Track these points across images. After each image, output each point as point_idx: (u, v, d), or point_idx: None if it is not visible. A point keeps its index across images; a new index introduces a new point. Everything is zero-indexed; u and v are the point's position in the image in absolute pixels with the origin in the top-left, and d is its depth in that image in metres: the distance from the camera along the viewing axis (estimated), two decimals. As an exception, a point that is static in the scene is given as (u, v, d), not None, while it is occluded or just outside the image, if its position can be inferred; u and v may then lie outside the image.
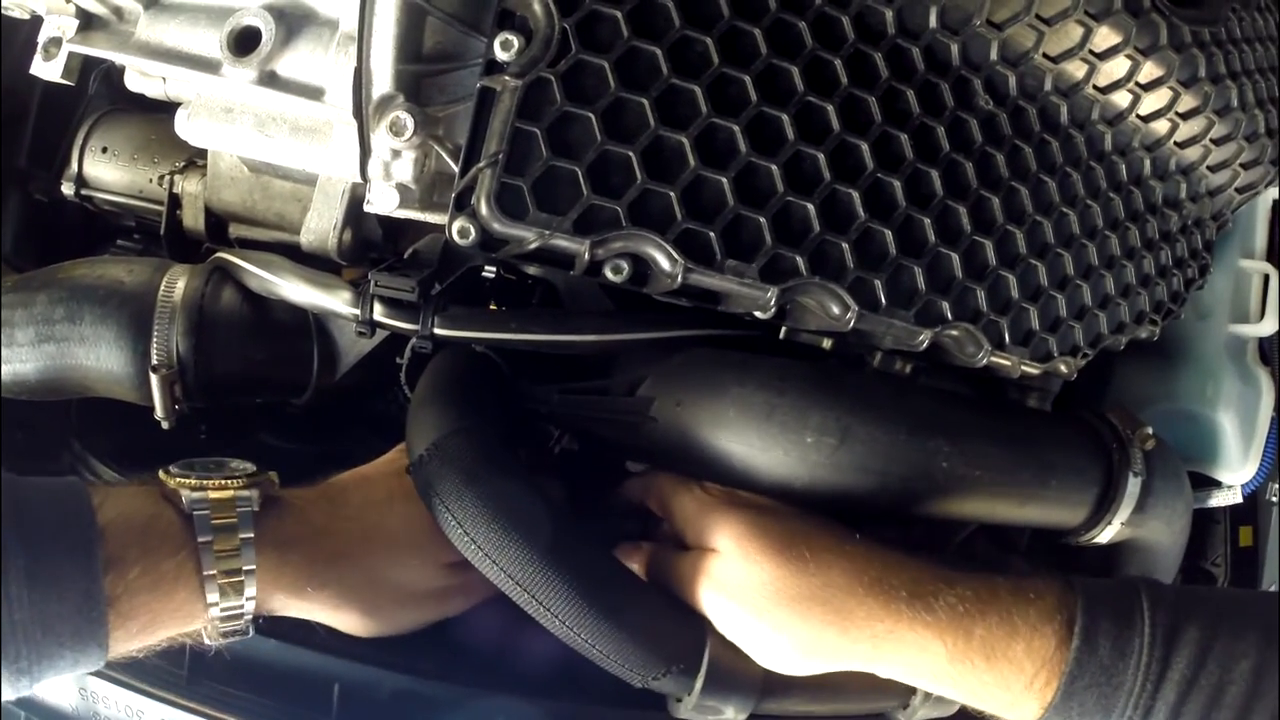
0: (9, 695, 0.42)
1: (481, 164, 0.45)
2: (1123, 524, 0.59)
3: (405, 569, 0.53)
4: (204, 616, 0.48)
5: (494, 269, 0.65)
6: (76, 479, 0.48)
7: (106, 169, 0.77)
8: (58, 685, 0.62)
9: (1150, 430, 0.60)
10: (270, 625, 0.55)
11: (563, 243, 0.46)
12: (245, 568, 0.47)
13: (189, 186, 0.72)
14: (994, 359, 0.54)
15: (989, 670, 0.47)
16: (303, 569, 0.50)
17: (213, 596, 0.47)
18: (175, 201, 0.72)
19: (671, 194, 0.46)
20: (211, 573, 0.47)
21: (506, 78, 0.46)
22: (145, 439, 0.64)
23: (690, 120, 0.46)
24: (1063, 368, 0.57)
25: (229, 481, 0.49)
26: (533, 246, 0.46)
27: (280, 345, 0.63)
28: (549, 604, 0.49)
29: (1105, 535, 0.60)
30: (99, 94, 0.81)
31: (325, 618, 0.53)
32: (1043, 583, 0.49)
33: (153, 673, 0.59)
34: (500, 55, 0.46)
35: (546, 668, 0.59)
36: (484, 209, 0.46)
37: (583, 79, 0.46)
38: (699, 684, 0.51)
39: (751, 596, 0.50)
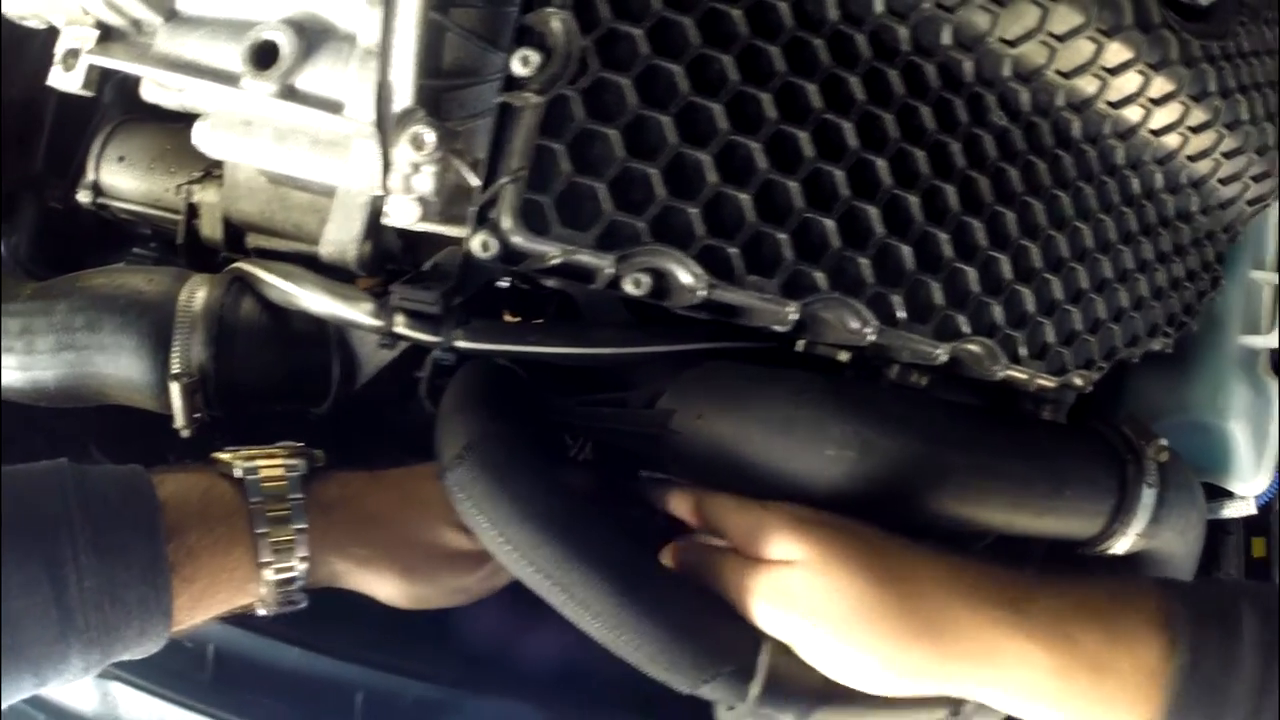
0: (82, 675, 0.44)
1: (504, 179, 0.46)
2: (1138, 535, 0.60)
3: (440, 530, 0.55)
4: (258, 579, 0.50)
5: (509, 279, 0.65)
6: (137, 465, 0.50)
7: (123, 178, 0.77)
8: (79, 689, 0.63)
9: (1164, 442, 0.60)
10: (295, 632, 0.56)
11: (586, 258, 0.47)
12: (296, 527, 0.50)
13: (206, 196, 0.72)
14: (1010, 372, 0.54)
15: (1094, 686, 0.43)
16: (345, 527, 0.53)
17: (266, 557, 0.49)
18: (193, 211, 0.72)
19: (693, 211, 0.46)
20: (264, 531, 0.49)
21: (527, 94, 0.46)
22: (163, 445, 0.64)
23: (710, 137, 0.47)
24: (1078, 380, 0.57)
25: (277, 451, 0.53)
26: (555, 261, 0.47)
27: (300, 355, 0.64)
28: (588, 602, 0.46)
29: (1120, 546, 0.60)
30: (113, 102, 0.81)
31: (368, 582, 0.54)
32: (1136, 586, 0.46)
33: (176, 678, 0.60)
34: (519, 71, 0.46)
35: (568, 674, 0.60)
36: (507, 224, 0.46)
37: (603, 96, 0.46)
38: (756, 689, 0.46)
39: (836, 615, 0.45)
